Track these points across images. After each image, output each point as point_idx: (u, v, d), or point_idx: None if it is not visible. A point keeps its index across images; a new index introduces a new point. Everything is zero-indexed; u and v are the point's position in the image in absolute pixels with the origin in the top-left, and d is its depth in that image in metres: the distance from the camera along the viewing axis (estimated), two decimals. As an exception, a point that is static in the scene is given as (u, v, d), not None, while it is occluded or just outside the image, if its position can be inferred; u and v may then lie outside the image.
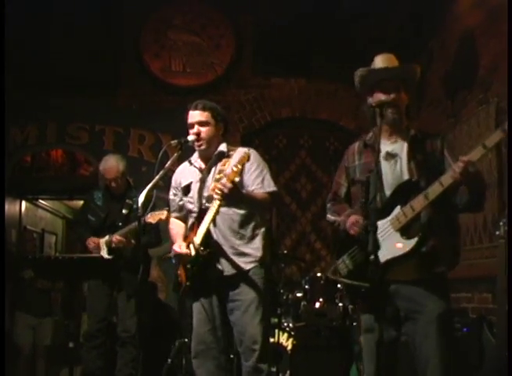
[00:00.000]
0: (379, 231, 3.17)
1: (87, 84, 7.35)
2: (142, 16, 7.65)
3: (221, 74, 7.66)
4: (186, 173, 4.00)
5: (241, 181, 3.68)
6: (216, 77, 7.66)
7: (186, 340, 5.81)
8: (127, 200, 5.47)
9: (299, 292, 5.57)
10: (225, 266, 3.76)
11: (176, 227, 4.06)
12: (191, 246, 3.71)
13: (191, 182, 3.93)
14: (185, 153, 3.94)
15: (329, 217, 3.67)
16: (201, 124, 3.86)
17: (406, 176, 3.31)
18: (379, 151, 3.24)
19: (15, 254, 7.60)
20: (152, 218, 5.25)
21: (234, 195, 3.54)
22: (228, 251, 3.76)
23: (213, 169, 3.85)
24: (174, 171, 6.92)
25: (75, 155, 8.15)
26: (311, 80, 7.73)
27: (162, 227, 6.53)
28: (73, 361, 5.12)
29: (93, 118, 7.56)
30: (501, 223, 4.06)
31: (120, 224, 5.39)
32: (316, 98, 7.74)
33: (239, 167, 3.52)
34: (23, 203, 8.55)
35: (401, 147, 3.38)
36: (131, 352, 5.33)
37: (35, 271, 5.60)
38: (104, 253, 5.34)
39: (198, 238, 3.69)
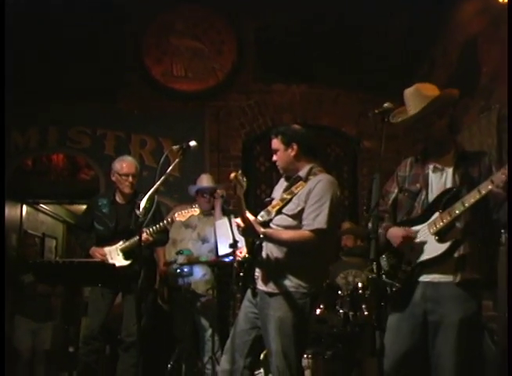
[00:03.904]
0: (417, 234, 3.45)
1: (88, 88, 7.34)
2: (143, 20, 7.64)
3: (223, 79, 7.66)
4: (278, 188, 4.09)
5: (302, 211, 3.76)
6: (217, 83, 7.65)
7: (186, 345, 5.84)
8: (138, 202, 5.42)
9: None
10: (266, 282, 3.77)
11: None
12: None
13: (274, 198, 4.01)
14: (186, 159, 3.94)
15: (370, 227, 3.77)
16: (274, 151, 3.97)
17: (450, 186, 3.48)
18: (380, 154, 3.28)
19: (15, 259, 7.59)
20: (181, 216, 5.25)
21: (248, 232, 3.70)
22: (274, 269, 3.77)
23: (289, 191, 3.89)
24: (175, 177, 6.99)
25: (76, 159, 8.15)
26: (312, 86, 7.72)
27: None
28: (72, 366, 5.09)
29: (94, 123, 7.55)
30: (502, 230, 4.08)
31: (133, 228, 5.29)
32: (318, 104, 7.74)
33: (286, 197, 3.79)
34: (24, 207, 8.55)
35: (449, 162, 3.53)
36: (134, 356, 5.30)
37: (35, 275, 5.57)
38: (120, 260, 5.30)
39: (245, 245, 3.83)
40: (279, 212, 3.80)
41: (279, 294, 3.72)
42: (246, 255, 3.77)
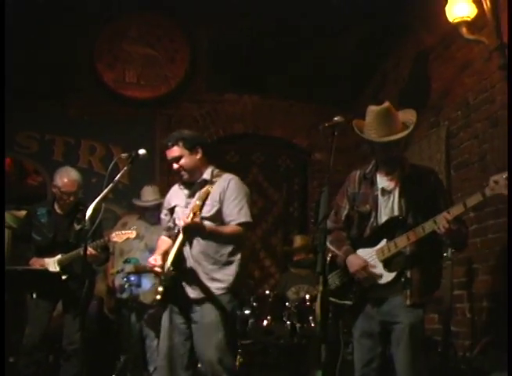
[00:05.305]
0: (365, 258, 3.60)
1: (37, 92, 7.21)
2: (96, 25, 7.53)
3: (175, 87, 7.62)
4: (175, 195, 4.10)
5: (221, 210, 3.85)
6: (170, 91, 7.61)
7: (132, 355, 5.76)
8: (78, 215, 5.29)
9: (247, 309, 5.53)
10: (194, 289, 3.80)
11: (161, 242, 4.13)
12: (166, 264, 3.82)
13: (176, 205, 4.03)
14: (135, 167, 3.90)
15: (328, 245, 3.78)
16: (176, 159, 3.97)
17: (397, 212, 3.60)
18: (329, 167, 3.27)
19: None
20: (118, 237, 5.15)
21: (193, 231, 3.75)
22: (201, 276, 3.80)
23: (196, 195, 3.92)
24: (124, 184, 6.88)
25: (24, 164, 7.99)
26: (264, 96, 7.74)
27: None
28: (12, 376, 4.97)
29: (43, 127, 7.42)
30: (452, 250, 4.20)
31: (72, 241, 5.20)
32: (270, 115, 7.76)
33: (198, 203, 3.78)
34: (-33, 211, 8.34)
35: (395, 184, 3.65)
36: (76, 365, 5.19)
37: (-23, 282, 5.43)
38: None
39: (169, 259, 3.79)
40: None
41: (207, 299, 3.77)
42: (171, 268, 3.74)
